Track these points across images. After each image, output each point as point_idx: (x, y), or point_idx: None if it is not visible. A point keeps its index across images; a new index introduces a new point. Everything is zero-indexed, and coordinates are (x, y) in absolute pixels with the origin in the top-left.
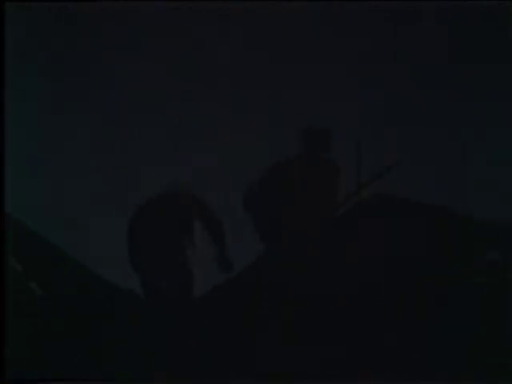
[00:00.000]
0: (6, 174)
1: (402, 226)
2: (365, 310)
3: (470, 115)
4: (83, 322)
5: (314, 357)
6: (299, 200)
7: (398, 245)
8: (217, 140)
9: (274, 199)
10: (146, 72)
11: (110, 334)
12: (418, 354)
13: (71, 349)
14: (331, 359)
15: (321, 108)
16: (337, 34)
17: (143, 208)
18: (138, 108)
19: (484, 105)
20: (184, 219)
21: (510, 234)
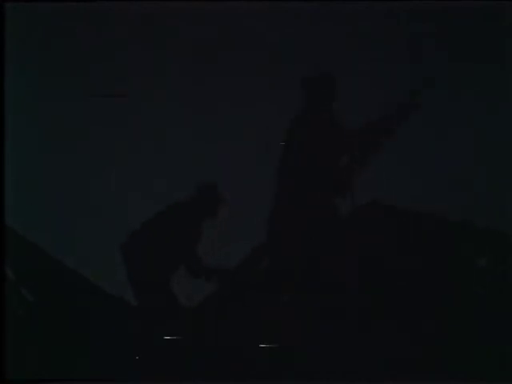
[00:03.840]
0: (5, 182)
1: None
2: (362, 310)
3: (468, 116)
4: (82, 323)
5: (314, 357)
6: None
7: (393, 249)
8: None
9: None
10: (147, 71)
11: (109, 334)
12: (417, 354)
13: (71, 349)
14: (331, 359)
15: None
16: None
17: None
18: (142, 108)
19: (483, 105)
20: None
21: (504, 240)
